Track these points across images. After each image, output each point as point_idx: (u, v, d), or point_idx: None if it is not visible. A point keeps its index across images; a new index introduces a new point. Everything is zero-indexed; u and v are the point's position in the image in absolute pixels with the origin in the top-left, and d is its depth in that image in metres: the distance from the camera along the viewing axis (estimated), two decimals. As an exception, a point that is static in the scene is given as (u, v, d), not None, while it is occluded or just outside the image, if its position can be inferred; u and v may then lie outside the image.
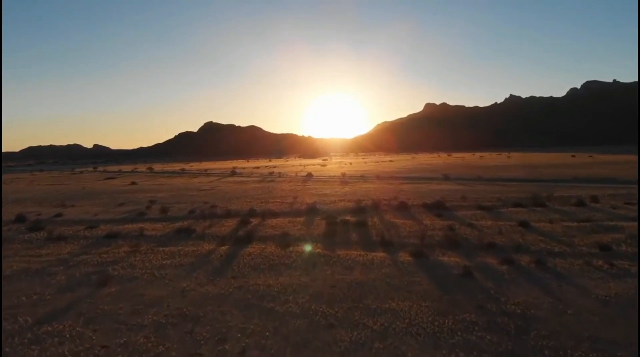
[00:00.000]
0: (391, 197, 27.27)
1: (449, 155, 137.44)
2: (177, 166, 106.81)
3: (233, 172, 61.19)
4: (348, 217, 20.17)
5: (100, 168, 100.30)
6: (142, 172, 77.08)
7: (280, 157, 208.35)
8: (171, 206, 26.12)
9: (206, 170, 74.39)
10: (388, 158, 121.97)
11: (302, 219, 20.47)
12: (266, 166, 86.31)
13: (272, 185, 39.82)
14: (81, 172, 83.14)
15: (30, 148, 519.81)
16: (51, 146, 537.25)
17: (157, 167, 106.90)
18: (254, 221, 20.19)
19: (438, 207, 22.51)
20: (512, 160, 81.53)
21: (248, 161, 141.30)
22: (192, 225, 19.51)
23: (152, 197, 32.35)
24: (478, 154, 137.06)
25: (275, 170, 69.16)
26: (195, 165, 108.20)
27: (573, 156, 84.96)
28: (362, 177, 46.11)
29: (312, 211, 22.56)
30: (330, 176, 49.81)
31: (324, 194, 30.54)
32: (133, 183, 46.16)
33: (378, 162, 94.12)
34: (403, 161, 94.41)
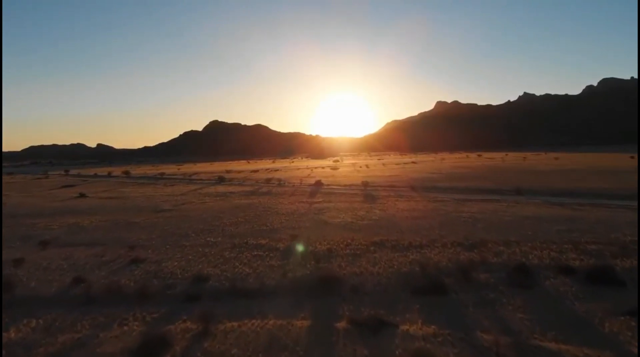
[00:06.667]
0: (471, 237, 14.90)
1: (479, 155, 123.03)
2: (167, 168, 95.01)
3: (221, 179, 48.86)
4: (426, 329, 8.00)
5: (74, 171, 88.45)
6: (116, 177, 65.23)
7: (286, 157, 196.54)
8: (63, 258, 14.09)
9: (192, 175, 62.08)
10: (409, 159, 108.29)
11: (302, 326, 8.27)
12: (267, 169, 73.91)
13: (265, 201, 27.63)
14: (47, 176, 71.49)
15: (31, 148, 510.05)
16: (54, 146, 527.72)
17: (149, 169, 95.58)
18: (179, 341, 7.98)
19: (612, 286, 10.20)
20: (566, 162, 67.92)
21: (249, 162, 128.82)
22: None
23: (72, 225, 20.60)
24: (514, 155, 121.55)
25: (277, 174, 56.90)
26: (187, 168, 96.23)
27: (632, 158, 71.46)
28: (392, 188, 33.65)
29: (326, 287, 10.31)
30: (346, 186, 37.42)
31: (345, 225, 18.29)
32: (81, 195, 34.25)
33: (399, 164, 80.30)
34: (429, 163, 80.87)
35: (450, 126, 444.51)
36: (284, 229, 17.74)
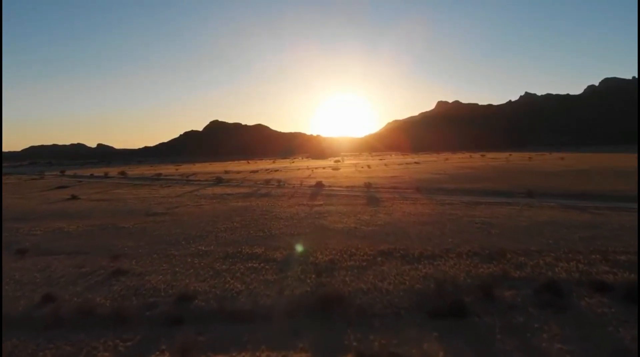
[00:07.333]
0: (488, 246, 13.57)
1: (482, 155, 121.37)
2: (165, 169, 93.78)
3: (218, 180, 47.64)
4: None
5: (71, 171, 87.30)
6: (112, 177, 64.00)
7: (287, 157, 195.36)
8: (39, 270, 12.82)
9: (189, 176, 60.83)
10: (411, 159, 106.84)
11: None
12: (266, 170, 72.68)
13: (263, 204, 26.35)
14: (42, 177, 70.33)
15: (31, 148, 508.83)
16: (54, 146, 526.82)
17: (147, 169, 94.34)
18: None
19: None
20: (572, 163, 66.45)
21: (249, 163, 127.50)
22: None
23: (56, 230, 19.32)
24: (518, 155, 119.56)
25: (276, 175, 55.69)
26: (186, 168, 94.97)
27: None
28: (396, 190, 32.36)
29: (328, 308, 9.05)
30: (348, 187, 36.11)
31: (348, 231, 16.99)
32: (72, 197, 33.00)
33: (402, 164, 78.89)
34: (432, 163, 79.42)
35: (451, 126, 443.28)
36: (282, 236, 16.44)
